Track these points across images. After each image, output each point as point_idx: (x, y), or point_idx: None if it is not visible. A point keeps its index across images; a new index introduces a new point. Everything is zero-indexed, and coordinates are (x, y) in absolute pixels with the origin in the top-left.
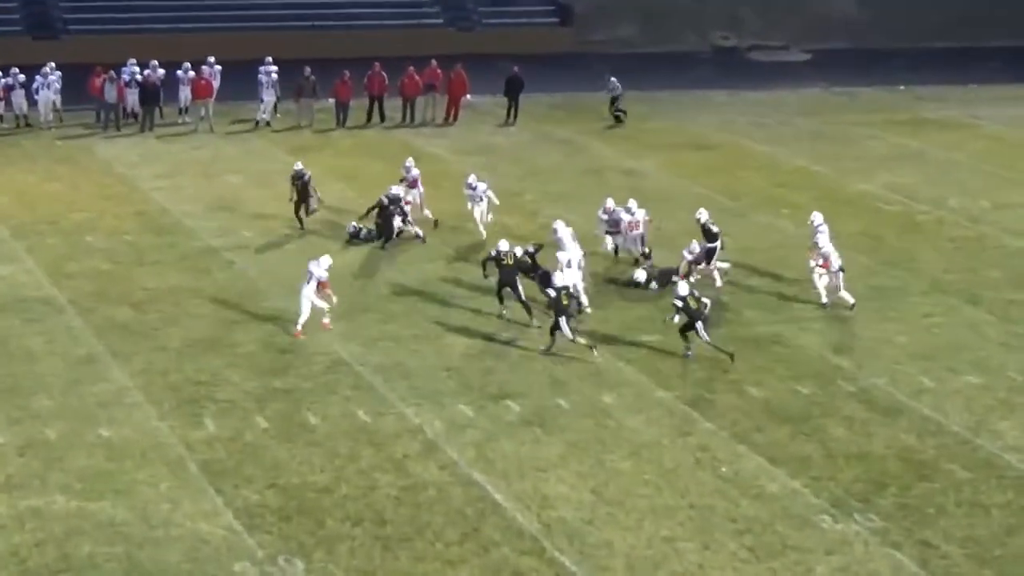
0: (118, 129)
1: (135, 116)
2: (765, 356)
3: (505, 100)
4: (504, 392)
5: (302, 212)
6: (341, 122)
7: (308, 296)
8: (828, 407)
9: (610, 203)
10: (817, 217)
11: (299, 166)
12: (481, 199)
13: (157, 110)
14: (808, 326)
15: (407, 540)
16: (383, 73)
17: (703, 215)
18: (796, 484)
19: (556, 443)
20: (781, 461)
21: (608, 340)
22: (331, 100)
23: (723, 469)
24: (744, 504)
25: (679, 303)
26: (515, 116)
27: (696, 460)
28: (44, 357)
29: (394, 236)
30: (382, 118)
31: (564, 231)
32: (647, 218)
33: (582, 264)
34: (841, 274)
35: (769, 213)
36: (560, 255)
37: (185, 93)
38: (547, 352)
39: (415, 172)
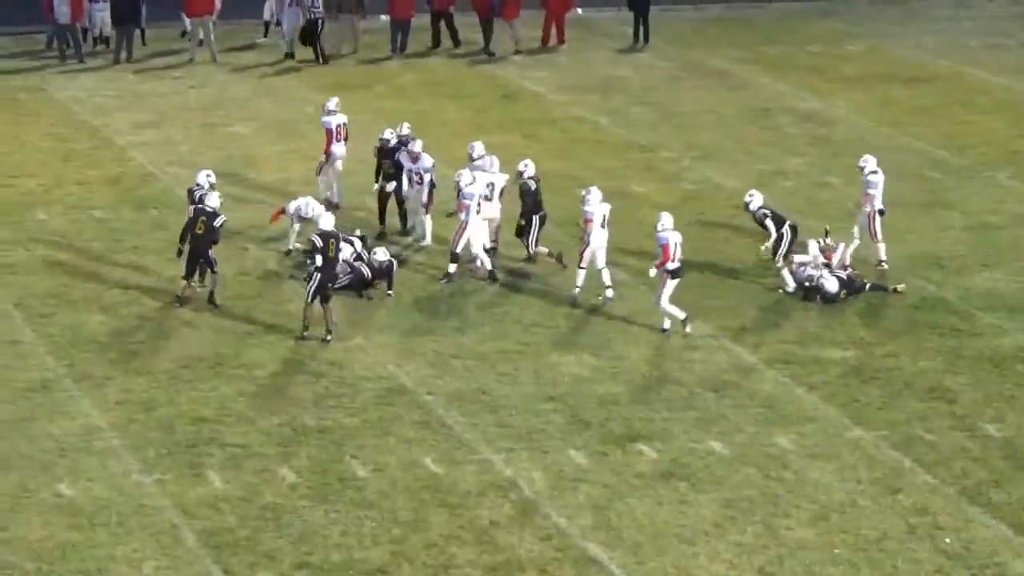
0: (80, 60)
1: (105, 41)
2: (1006, 380)
3: (630, 15)
4: (634, 432)
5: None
6: (398, 47)
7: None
8: None
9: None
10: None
11: (389, 133)
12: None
13: (137, 32)
14: None
15: None
16: None
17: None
18: None
19: (708, 503)
20: None
21: (780, 358)
22: (384, 17)
23: (947, 540)
24: None
25: None
26: (645, 37)
27: (909, 527)
28: None
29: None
30: (455, 41)
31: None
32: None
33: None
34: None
35: (1014, 175)
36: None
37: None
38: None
39: (487, 160)
